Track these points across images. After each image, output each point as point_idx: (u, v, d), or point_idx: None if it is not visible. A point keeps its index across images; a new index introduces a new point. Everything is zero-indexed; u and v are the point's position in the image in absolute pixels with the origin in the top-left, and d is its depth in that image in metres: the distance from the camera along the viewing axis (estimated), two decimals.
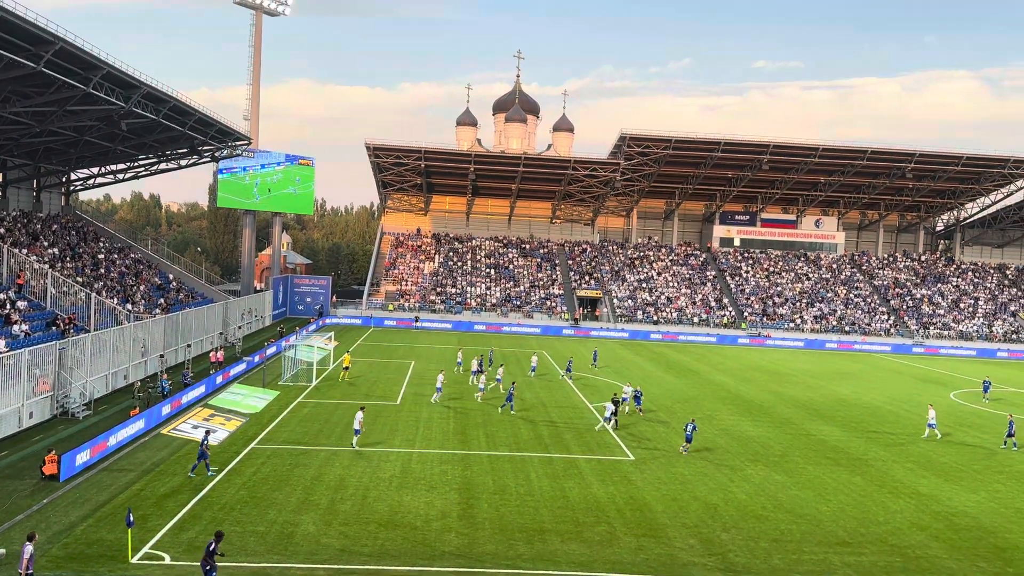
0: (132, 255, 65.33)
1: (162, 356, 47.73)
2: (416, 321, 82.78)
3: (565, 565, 21.48)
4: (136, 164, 66.16)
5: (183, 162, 66.94)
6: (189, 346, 52.28)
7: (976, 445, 38.51)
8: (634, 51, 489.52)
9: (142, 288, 58.77)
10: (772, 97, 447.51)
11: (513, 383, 44.29)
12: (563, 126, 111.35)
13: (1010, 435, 38.44)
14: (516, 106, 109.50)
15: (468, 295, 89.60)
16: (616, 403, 38.66)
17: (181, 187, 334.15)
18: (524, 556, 21.91)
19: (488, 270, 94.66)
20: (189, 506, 24.51)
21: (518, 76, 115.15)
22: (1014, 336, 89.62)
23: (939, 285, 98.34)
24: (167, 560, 20.58)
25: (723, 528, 24.91)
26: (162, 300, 58.86)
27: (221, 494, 25.81)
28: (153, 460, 29.67)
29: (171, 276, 66.99)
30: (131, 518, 20.47)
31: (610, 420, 37.34)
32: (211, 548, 18.82)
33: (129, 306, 52.35)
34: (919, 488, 30.53)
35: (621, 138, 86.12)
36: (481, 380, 44.67)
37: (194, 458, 29.23)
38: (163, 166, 66.68)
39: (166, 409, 36.29)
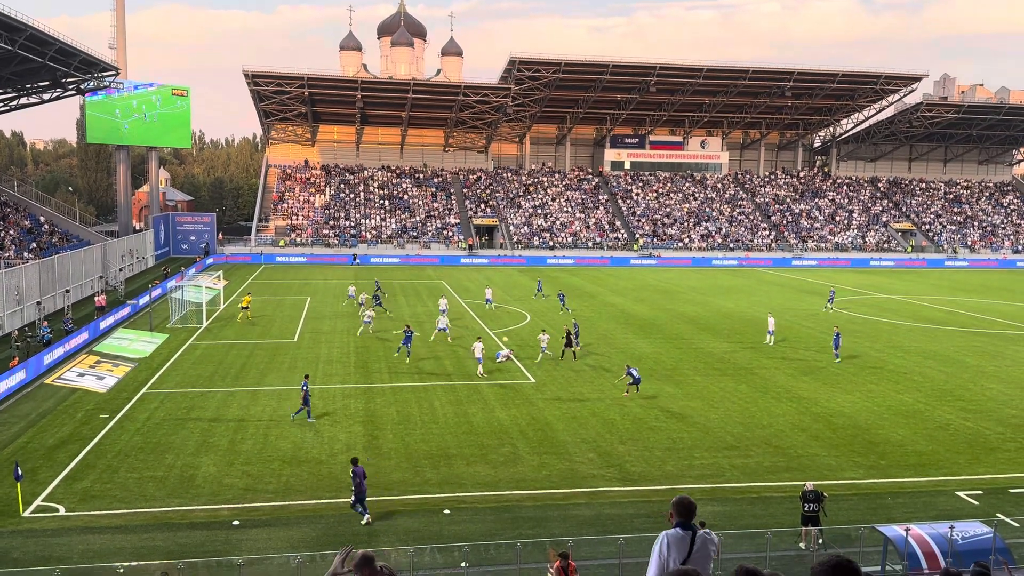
0: None
1: (39, 303, 45.31)
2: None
3: (471, 486, 22.03)
4: None
5: (46, 96, 62.41)
6: (68, 291, 49.73)
7: (851, 349, 41.04)
8: None
9: (11, 232, 55.33)
10: (658, 18, 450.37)
11: (408, 326, 38.69)
12: (452, 50, 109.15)
13: (836, 347, 39.17)
14: (402, 29, 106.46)
15: (363, 227, 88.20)
16: (568, 335, 38.11)
17: (46, 123, 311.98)
18: (431, 481, 22.33)
19: (382, 201, 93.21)
20: (81, 455, 23.74)
21: None
22: (885, 246, 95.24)
23: (816, 200, 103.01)
24: (62, 511, 20.00)
25: (620, 440, 25.98)
26: (34, 244, 55.65)
27: (114, 441, 25.08)
28: (39, 411, 28.47)
29: (42, 218, 63.18)
30: (19, 471, 19.71)
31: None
32: None
33: None
34: (800, 392, 32.50)
35: (511, 62, 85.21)
36: (367, 315, 44.37)
37: (84, 407, 28.28)
38: (24, 101, 61.97)
39: (48, 358, 34.68)
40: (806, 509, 18.73)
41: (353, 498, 19.71)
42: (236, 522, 19.58)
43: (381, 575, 6.57)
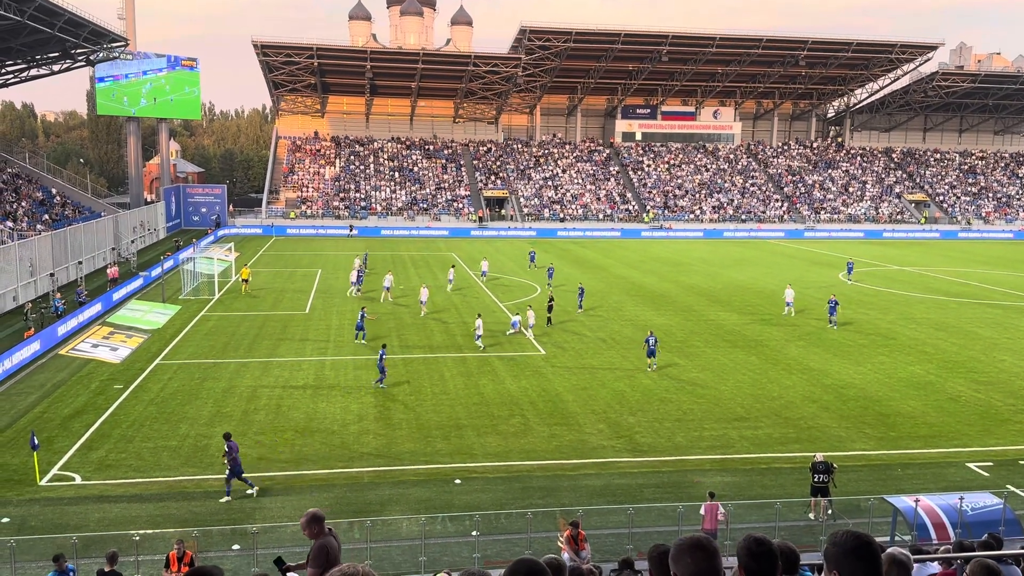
0: (9, 170, 61.31)
1: (52, 275, 45.60)
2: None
3: (482, 457, 22.19)
4: (3, 71, 61.25)
5: (56, 67, 62.29)
6: (80, 263, 50.04)
7: (863, 321, 40.92)
8: None
9: (23, 204, 55.54)
10: None
11: (364, 308, 37.94)
12: (461, 19, 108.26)
13: (832, 314, 39.50)
14: None
15: (373, 200, 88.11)
16: (551, 302, 39.26)
17: (56, 95, 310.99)
18: (442, 452, 22.49)
19: (392, 173, 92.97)
20: (96, 425, 24.01)
21: None
22: (899, 217, 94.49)
23: (830, 171, 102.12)
24: (78, 480, 20.26)
25: (630, 412, 26.06)
26: (46, 216, 55.86)
27: (128, 412, 25.33)
28: (53, 381, 28.77)
29: (54, 190, 63.36)
30: (35, 441, 19.95)
31: (515, 328, 37.19)
32: None
33: (11, 224, 49.54)
34: (810, 364, 32.46)
35: (521, 31, 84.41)
36: (353, 289, 46.29)
37: (98, 377, 28.61)
38: (34, 72, 61.89)
39: (62, 329, 34.97)
40: (816, 480, 18.78)
41: (228, 473, 19.34)
42: (250, 491, 19.79)
43: (329, 535, 6.88)
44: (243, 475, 19.58)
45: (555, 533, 16.48)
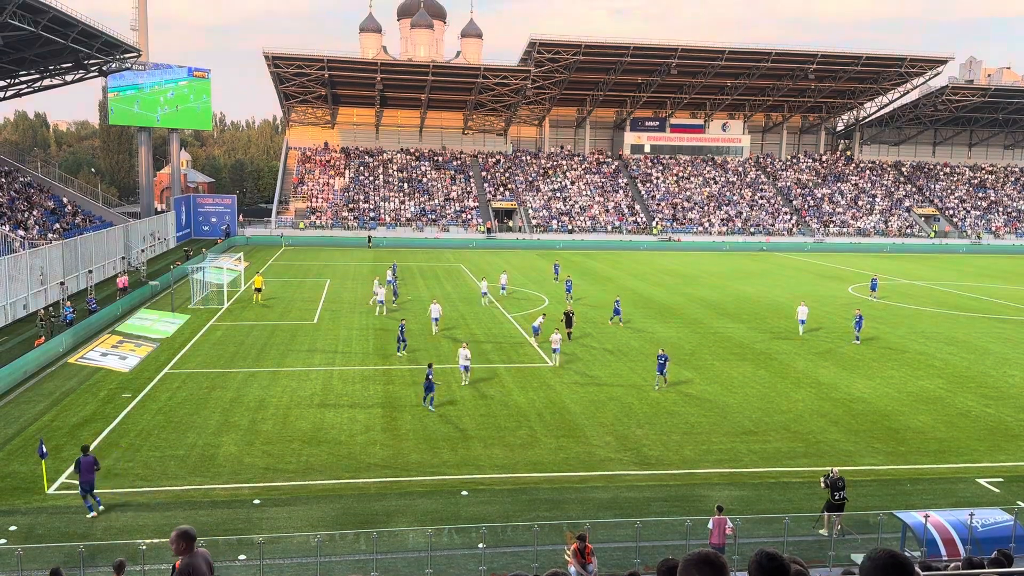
0: (21, 179, 61.75)
1: (63, 283, 45.82)
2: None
3: (488, 468, 22.13)
4: (17, 81, 61.83)
5: (69, 77, 62.85)
6: (91, 272, 50.29)
7: (872, 335, 40.73)
8: None
9: (35, 213, 55.90)
10: None
11: (403, 320, 38.09)
12: (471, 32, 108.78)
13: (857, 329, 39.25)
14: (422, 11, 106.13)
15: (382, 210, 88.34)
16: (568, 317, 38.91)
17: (69, 104, 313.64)
18: (449, 463, 22.45)
19: (401, 184, 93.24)
20: (104, 434, 24.06)
21: None
22: (908, 231, 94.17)
23: (839, 184, 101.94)
24: None
25: (637, 424, 25.97)
26: (57, 225, 56.21)
27: (136, 420, 25.38)
28: (63, 389, 28.86)
29: (65, 199, 63.77)
30: (44, 449, 19.99)
31: (538, 332, 37.28)
32: None
33: (22, 233, 49.86)
34: (819, 378, 32.31)
35: (531, 44, 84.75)
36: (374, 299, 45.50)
37: (107, 386, 28.68)
38: (47, 82, 62.46)
39: (72, 337, 35.10)
40: (835, 498, 18.37)
41: (81, 489, 18.75)
42: (257, 501, 19.79)
43: (196, 556, 6.77)
44: (93, 493, 18.86)
45: (562, 546, 16.40)
